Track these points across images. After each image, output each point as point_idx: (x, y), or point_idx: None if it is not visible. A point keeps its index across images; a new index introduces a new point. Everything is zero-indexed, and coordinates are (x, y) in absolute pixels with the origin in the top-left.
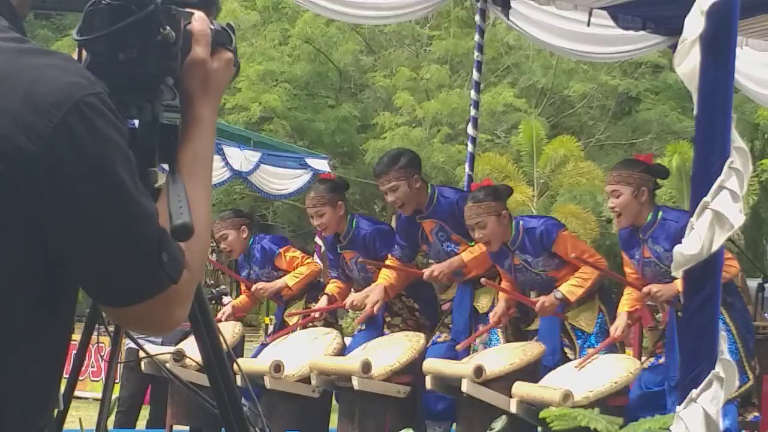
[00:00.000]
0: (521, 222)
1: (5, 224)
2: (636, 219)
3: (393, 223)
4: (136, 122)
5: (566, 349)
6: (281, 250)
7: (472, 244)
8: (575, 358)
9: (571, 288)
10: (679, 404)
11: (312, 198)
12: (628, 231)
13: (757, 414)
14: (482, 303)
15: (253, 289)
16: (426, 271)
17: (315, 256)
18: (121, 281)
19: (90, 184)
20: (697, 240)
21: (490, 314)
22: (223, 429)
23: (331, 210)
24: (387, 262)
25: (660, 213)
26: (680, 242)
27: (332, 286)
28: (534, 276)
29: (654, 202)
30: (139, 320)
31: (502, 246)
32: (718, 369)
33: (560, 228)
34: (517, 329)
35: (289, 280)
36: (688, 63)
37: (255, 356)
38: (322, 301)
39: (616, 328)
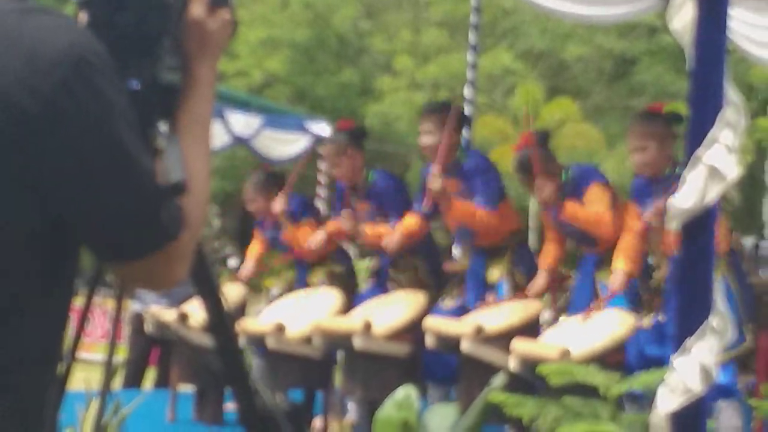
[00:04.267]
0: (570, 171)
1: (10, 184)
2: (659, 171)
3: None
4: (136, 84)
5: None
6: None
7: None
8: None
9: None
10: (673, 354)
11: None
12: (643, 181)
13: (753, 378)
14: (494, 275)
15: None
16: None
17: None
18: (120, 237)
19: (90, 142)
20: (689, 193)
21: (528, 287)
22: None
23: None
24: (407, 217)
25: (678, 168)
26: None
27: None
28: (575, 229)
29: (673, 155)
30: (141, 276)
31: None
32: (712, 319)
33: (595, 179)
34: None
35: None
36: (680, 18)
37: None
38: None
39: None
